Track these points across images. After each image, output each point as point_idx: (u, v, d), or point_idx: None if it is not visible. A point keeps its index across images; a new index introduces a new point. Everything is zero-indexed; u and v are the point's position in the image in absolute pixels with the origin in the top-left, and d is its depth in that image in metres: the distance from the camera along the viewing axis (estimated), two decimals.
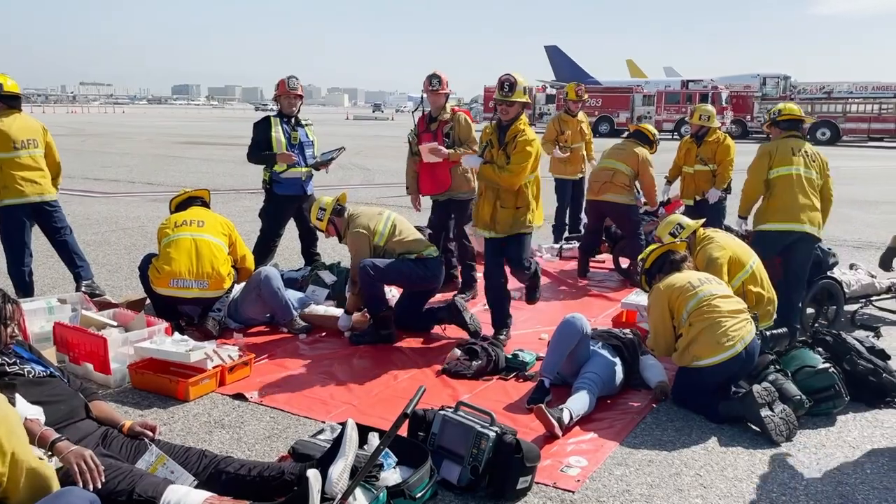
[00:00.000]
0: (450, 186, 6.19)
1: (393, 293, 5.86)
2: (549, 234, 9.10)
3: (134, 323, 4.95)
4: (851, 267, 6.48)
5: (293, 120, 6.52)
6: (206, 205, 5.81)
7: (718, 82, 40.22)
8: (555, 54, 62.60)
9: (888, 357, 4.55)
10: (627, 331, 4.95)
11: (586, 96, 8.84)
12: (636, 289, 6.41)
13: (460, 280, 6.61)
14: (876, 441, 3.88)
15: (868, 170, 20.25)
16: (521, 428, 3.86)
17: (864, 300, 6.05)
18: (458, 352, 4.84)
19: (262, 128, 6.46)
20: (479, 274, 7.46)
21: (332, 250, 8.00)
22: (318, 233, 6.18)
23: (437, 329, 5.54)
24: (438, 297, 5.98)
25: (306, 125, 6.60)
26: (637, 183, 7.23)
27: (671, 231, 5.17)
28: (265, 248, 6.59)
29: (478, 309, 5.97)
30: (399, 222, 5.48)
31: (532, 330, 5.63)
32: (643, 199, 7.37)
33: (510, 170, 4.90)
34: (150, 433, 3.12)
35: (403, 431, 3.48)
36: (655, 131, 7.58)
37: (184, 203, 5.75)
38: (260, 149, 6.41)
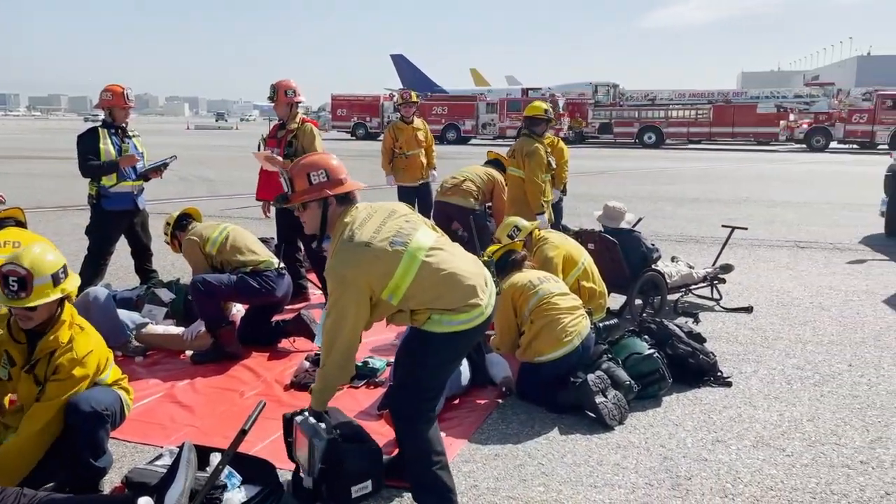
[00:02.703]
0: None
1: (238, 308, 5.68)
2: None
3: None
4: (673, 259, 7.05)
5: (120, 131, 6.14)
6: (21, 224, 5.33)
7: (556, 90, 42.47)
8: (401, 63, 63.38)
9: (704, 340, 5.01)
10: None
11: (415, 98, 9.01)
12: None
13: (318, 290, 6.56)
14: (696, 417, 4.25)
15: (687, 170, 22.13)
16: (373, 434, 3.87)
17: (684, 289, 6.60)
18: (306, 363, 4.77)
19: (88, 140, 6.02)
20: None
21: (171, 266, 7.61)
22: (160, 248, 5.89)
23: (285, 342, 5.42)
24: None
25: (134, 136, 6.24)
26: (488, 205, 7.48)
27: (509, 233, 5.40)
28: (94, 267, 6.15)
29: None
30: (237, 234, 5.34)
31: (383, 336, 5.66)
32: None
33: None
34: None
35: (258, 450, 3.41)
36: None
37: None
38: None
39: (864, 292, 7.21)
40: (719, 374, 4.78)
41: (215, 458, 3.07)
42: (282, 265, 5.35)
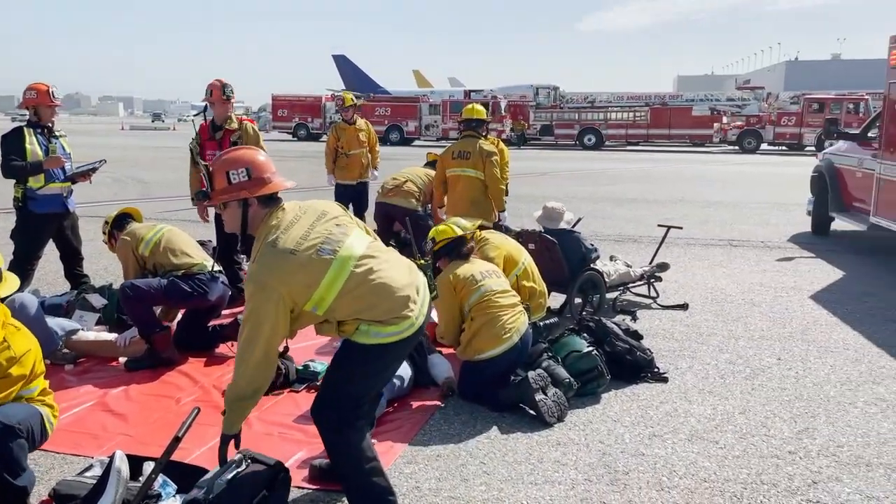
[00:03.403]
0: None
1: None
2: None
3: None
4: (611, 259, 7.19)
5: (46, 130, 5.91)
6: None
7: (498, 92, 42.80)
8: (343, 64, 62.92)
9: (641, 337, 5.12)
10: None
11: (354, 101, 9.06)
12: None
13: None
14: (633, 413, 4.34)
15: (626, 171, 22.62)
16: (313, 439, 3.84)
17: (622, 288, 6.74)
18: None
19: (13, 140, 5.78)
20: None
21: (103, 270, 7.38)
22: (91, 252, 5.70)
23: (223, 347, 5.31)
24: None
25: (61, 136, 6.02)
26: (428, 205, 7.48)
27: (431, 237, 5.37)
28: (21, 272, 5.88)
29: None
30: (171, 235, 5.21)
31: (324, 339, 5.59)
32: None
33: None
34: None
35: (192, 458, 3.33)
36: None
37: None
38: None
39: (792, 288, 7.49)
40: (656, 370, 4.90)
41: (148, 468, 2.98)
42: (217, 269, 5.24)
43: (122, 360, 5.01)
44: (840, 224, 10.48)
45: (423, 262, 3.19)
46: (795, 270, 8.39)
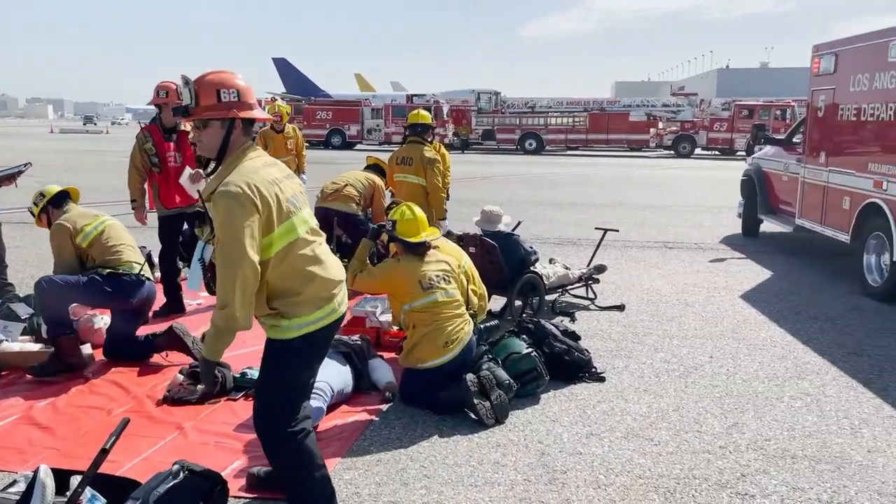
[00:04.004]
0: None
1: (105, 319, 5.38)
2: None
3: None
4: (551, 261, 7.29)
5: None
6: None
7: (440, 97, 42.92)
8: (284, 67, 62.09)
9: (579, 338, 5.22)
10: (356, 337, 5.08)
11: (279, 109, 9.08)
12: (366, 295, 6.60)
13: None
14: (572, 413, 4.41)
15: (566, 175, 22.99)
16: (252, 449, 3.78)
17: (561, 290, 6.85)
18: (180, 377, 4.57)
19: None
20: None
21: (30, 279, 7.07)
22: (16, 260, 5.46)
23: (157, 357, 5.17)
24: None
25: None
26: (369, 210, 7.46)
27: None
28: None
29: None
30: (113, 230, 5.06)
31: (257, 347, 5.50)
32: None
33: None
34: None
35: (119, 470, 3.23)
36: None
37: None
38: None
39: (724, 288, 7.74)
40: (593, 369, 4.99)
41: (75, 481, 2.88)
42: (143, 272, 5.07)
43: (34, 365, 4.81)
44: (768, 226, 10.89)
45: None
46: (727, 271, 8.68)
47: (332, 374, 4.41)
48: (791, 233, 9.81)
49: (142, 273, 5.03)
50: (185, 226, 6.53)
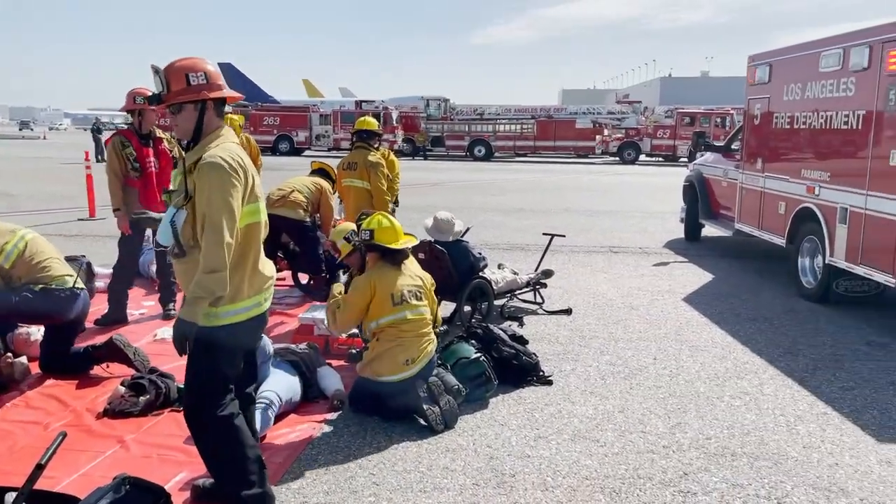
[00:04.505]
0: None
1: (41, 331, 5.20)
2: None
3: None
4: (499, 266, 7.36)
5: None
6: None
7: (389, 103, 42.90)
8: (229, 72, 61.16)
9: (527, 342, 5.28)
10: (304, 345, 5.04)
11: (232, 122, 9.01)
12: (315, 303, 6.55)
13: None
14: (520, 416, 4.46)
15: (514, 182, 23.21)
16: (195, 459, 3.69)
17: (509, 294, 6.91)
18: (121, 388, 4.45)
19: None
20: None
21: None
22: None
23: (97, 369, 5.03)
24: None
25: None
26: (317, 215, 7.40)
27: (346, 237, 5.29)
28: None
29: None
30: (35, 244, 4.83)
31: None
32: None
33: None
34: None
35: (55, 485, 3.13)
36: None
37: None
38: None
39: (667, 292, 7.93)
40: (541, 373, 5.05)
41: (10, 498, 2.78)
42: (76, 284, 4.91)
43: None
44: (710, 230, 11.21)
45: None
46: (670, 274, 8.89)
47: (280, 383, 4.36)
48: (731, 237, 10.11)
49: (76, 286, 4.87)
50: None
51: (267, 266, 3.12)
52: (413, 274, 4.64)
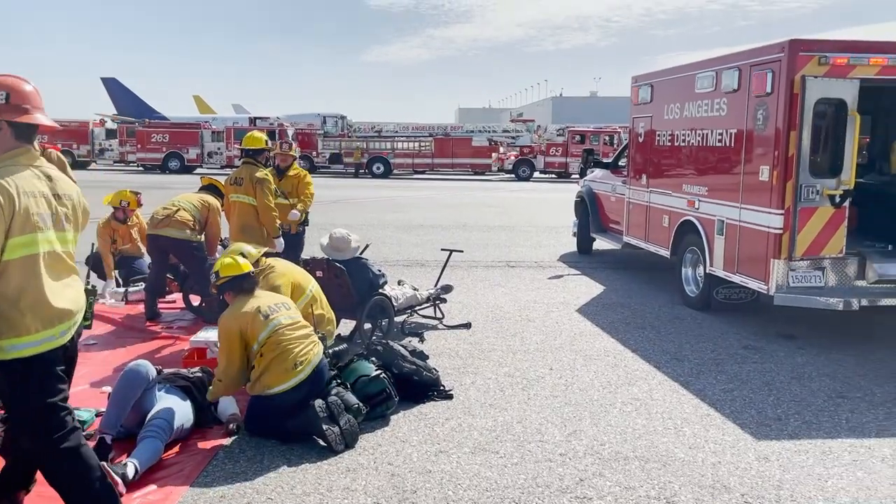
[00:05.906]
0: None
1: None
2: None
3: None
4: (399, 283, 7.36)
5: None
6: None
7: (284, 120, 42.20)
8: (114, 87, 58.54)
9: (427, 357, 5.31)
10: (196, 369, 4.86)
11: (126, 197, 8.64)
12: (206, 325, 6.33)
13: None
14: (421, 432, 4.47)
15: (413, 199, 23.33)
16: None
17: (409, 311, 6.93)
18: None
19: None
20: None
21: None
22: None
23: None
24: None
25: None
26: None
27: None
28: None
29: None
30: None
31: (87, 386, 5.12)
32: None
33: None
34: None
35: None
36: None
37: None
38: None
39: (561, 303, 8.17)
40: (442, 388, 5.08)
41: None
42: None
43: None
44: (601, 244, 11.65)
45: (88, 287, 3.18)
46: (564, 287, 9.18)
47: (170, 410, 4.18)
48: (620, 249, 10.54)
49: None
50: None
51: (63, 299, 2.83)
52: (267, 294, 4.75)
